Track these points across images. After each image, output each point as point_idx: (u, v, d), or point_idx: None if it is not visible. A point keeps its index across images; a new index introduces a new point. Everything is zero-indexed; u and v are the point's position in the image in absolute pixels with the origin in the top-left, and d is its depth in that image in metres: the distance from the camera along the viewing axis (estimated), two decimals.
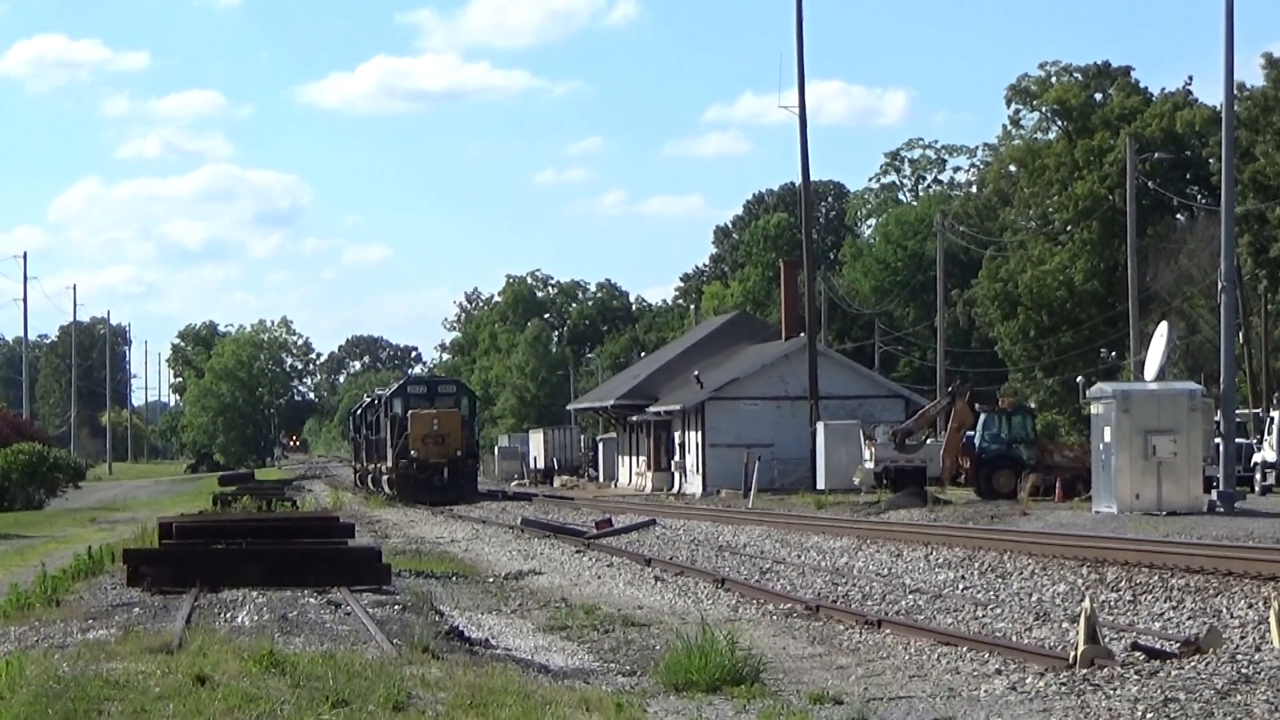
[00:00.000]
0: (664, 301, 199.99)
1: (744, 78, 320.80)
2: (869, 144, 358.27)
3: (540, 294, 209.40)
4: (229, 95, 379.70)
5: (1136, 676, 17.31)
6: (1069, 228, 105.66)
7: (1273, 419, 63.42)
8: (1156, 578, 27.89)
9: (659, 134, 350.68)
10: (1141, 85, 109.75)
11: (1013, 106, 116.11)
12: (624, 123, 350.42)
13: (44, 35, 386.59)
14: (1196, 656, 18.31)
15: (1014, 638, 22.57)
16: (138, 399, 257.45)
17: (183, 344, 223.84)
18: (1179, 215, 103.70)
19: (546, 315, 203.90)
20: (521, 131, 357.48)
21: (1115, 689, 16.84)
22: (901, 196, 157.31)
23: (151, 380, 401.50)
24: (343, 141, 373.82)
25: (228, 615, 24.25)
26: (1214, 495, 50.10)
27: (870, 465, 71.25)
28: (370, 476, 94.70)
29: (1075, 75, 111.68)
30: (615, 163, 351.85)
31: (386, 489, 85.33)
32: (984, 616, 25.12)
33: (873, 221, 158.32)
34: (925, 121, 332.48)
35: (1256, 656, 18.11)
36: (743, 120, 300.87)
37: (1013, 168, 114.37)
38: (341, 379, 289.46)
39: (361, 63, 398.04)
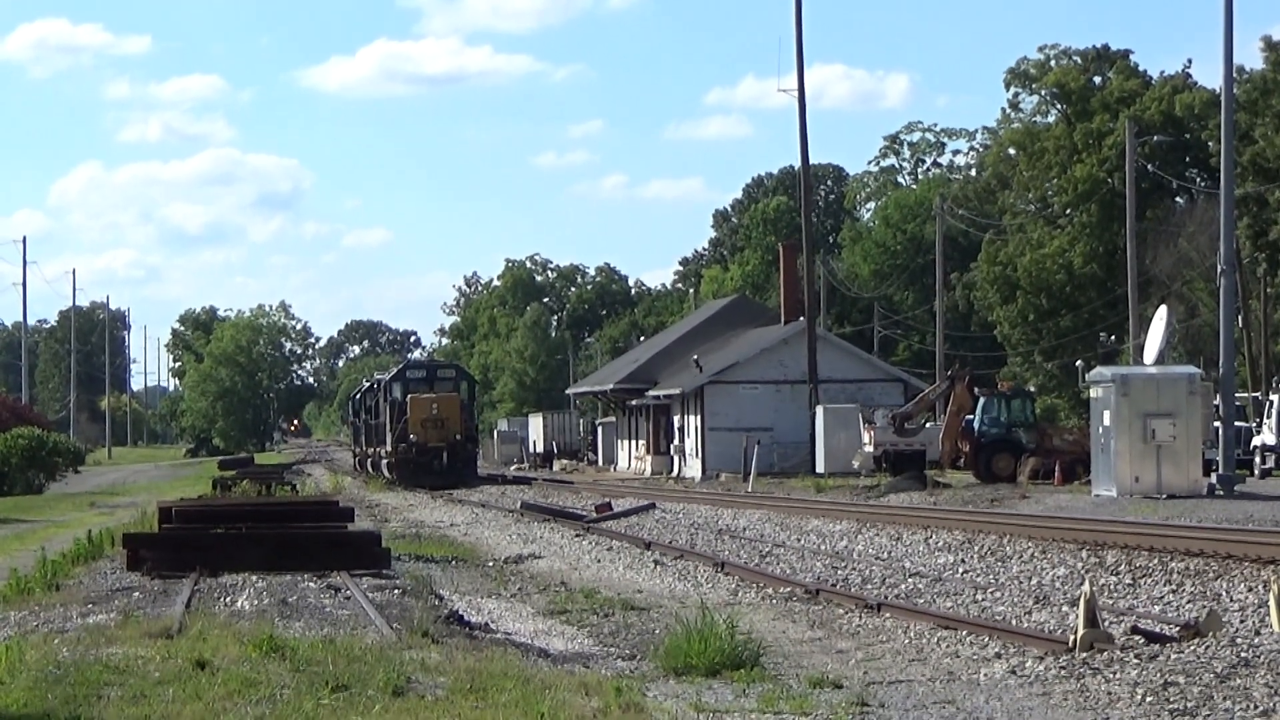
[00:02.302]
0: (663, 285, 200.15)
1: (746, 60, 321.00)
2: (872, 127, 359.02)
3: (539, 278, 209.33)
4: (230, 79, 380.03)
5: (1136, 660, 17.31)
6: (1068, 211, 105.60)
7: (1272, 402, 63.43)
8: (1156, 561, 27.89)
9: (660, 117, 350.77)
10: (1141, 68, 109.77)
11: (1012, 90, 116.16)
12: (625, 106, 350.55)
13: (46, 19, 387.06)
14: (1196, 640, 18.30)
15: (1014, 621, 22.56)
16: (137, 384, 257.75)
17: (182, 329, 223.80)
18: (1178, 198, 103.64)
19: (545, 299, 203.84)
20: (522, 115, 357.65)
21: (1115, 672, 16.85)
22: (901, 180, 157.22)
23: (151, 365, 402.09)
24: (343, 125, 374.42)
25: (227, 600, 24.26)
26: (1213, 478, 50.13)
27: (870, 449, 71.26)
28: (369, 461, 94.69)
29: (1074, 58, 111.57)
30: (616, 146, 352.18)
31: (386, 473, 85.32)
32: (984, 600, 25.12)
33: (872, 205, 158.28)
34: (927, 105, 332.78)
35: (1256, 640, 18.11)
36: (744, 103, 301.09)
37: (1012, 151, 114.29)
38: (341, 363, 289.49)
39: (362, 46, 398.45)
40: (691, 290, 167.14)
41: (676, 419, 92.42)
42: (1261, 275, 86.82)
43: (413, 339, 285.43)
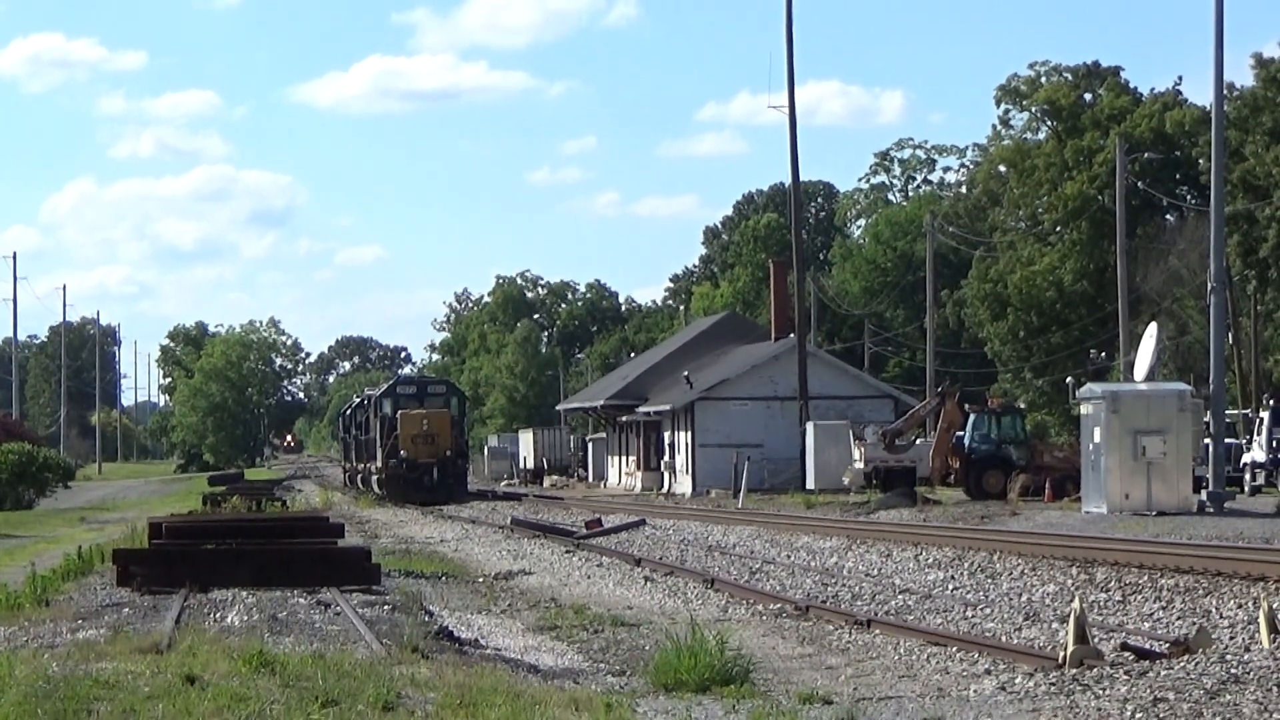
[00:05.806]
0: (653, 302, 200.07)
1: (740, 77, 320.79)
2: (867, 144, 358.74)
3: (530, 294, 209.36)
4: (224, 95, 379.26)
5: (1126, 677, 17.32)
6: (1058, 228, 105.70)
7: (1261, 419, 63.48)
8: (1146, 578, 27.91)
9: (654, 134, 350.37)
10: (1131, 85, 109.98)
11: (1002, 107, 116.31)
12: (619, 122, 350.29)
13: (41, 34, 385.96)
14: (1186, 657, 18.32)
15: (1003, 638, 22.58)
16: (127, 399, 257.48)
17: (172, 344, 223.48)
18: (1168, 215, 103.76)
19: (536, 316, 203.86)
20: (516, 131, 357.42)
21: (1105, 689, 16.84)
22: (891, 197, 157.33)
23: (141, 380, 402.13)
24: (338, 142, 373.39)
25: (217, 615, 24.24)
26: (1203, 495, 50.17)
27: (860, 465, 71.24)
28: (360, 476, 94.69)
29: (1065, 75, 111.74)
30: (610, 163, 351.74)
31: (376, 489, 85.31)
32: (973, 617, 25.13)
33: (862, 222, 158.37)
34: (921, 122, 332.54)
35: (1246, 656, 18.12)
36: (738, 120, 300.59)
37: (1002, 168, 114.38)
38: (331, 379, 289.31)
39: (356, 62, 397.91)
40: (682, 307, 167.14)
41: (667, 435, 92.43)
42: (1251, 292, 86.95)
43: (403, 355, 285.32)
